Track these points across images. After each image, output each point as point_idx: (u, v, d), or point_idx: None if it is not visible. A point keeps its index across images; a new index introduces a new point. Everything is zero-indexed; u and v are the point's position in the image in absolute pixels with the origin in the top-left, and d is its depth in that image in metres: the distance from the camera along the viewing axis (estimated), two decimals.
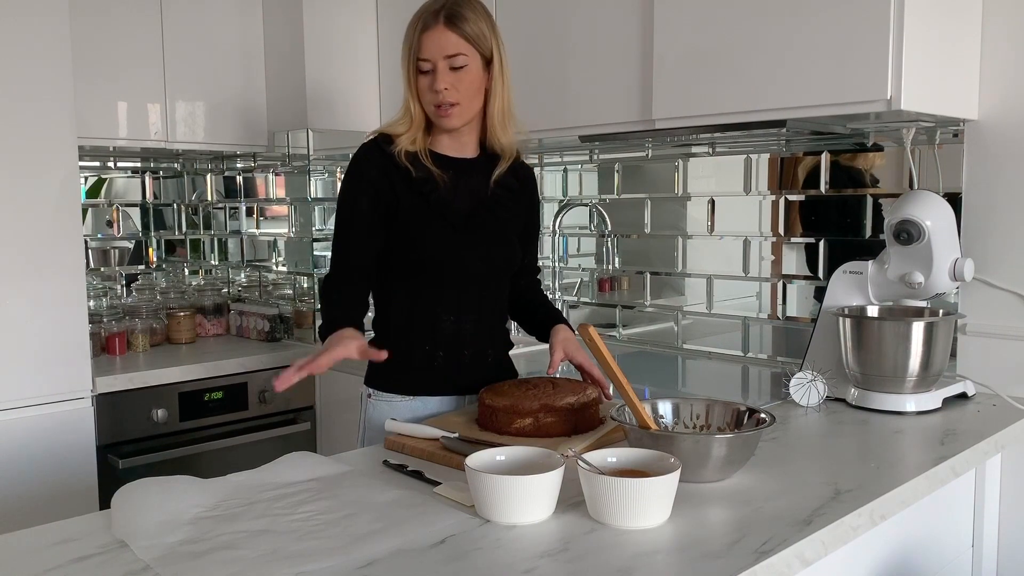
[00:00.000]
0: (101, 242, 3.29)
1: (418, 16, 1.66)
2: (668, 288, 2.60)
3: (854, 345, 1.81)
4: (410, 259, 1.70)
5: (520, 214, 1.82)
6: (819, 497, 1.27)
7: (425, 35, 1.63)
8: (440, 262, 1.70)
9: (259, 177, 3.23)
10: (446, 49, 1.63)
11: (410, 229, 1.68)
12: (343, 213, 1.72)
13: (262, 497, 1.29)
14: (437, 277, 1.71)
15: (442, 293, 1.72)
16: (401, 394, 1.75)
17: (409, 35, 1.67)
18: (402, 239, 1.69)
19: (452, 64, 1.63)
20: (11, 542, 1.16)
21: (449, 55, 1.63)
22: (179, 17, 2.79)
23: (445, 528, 1.16)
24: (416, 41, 1.65)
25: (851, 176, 2.16)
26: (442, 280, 1.71)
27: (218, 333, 3.10)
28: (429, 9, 1.65)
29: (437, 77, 1.63)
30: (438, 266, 1.70)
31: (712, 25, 1.91)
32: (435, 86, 1.64)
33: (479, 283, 1.75)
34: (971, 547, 1.85)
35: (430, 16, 1.64)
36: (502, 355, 1.85)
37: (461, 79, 1.65)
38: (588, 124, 2.23)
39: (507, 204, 1.78)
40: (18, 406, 2.21)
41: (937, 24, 1.74)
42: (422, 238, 1.69)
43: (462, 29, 1.63)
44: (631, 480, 1.15)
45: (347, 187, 1.73)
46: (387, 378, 1.77)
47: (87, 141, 2.56)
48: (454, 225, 1.70)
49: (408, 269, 1.71)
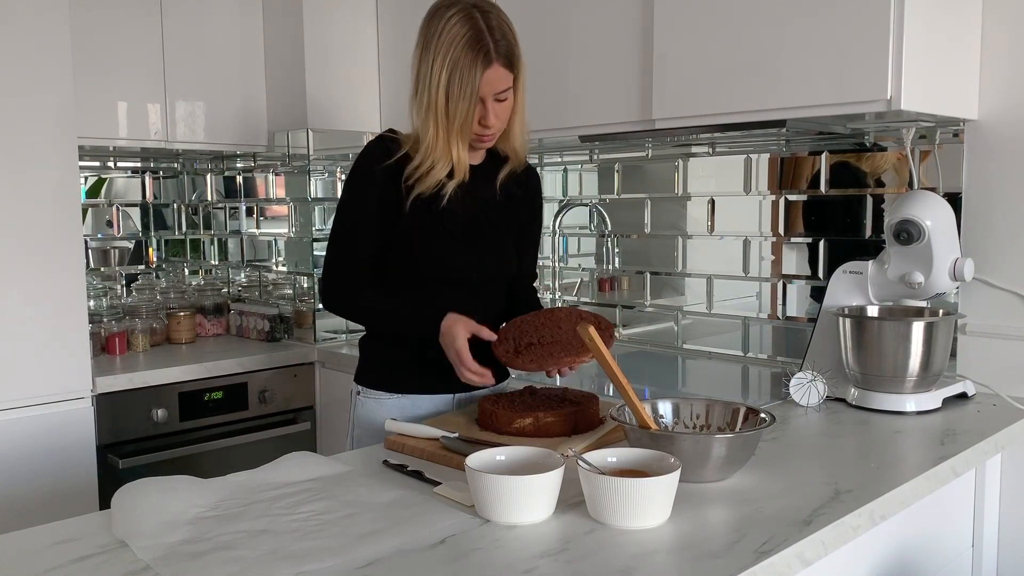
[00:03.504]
0: (101, 242, 3.29)
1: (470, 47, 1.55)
2: (668, 288, 2.60)
3: (854, 345, 1.80)
4: (406, 262, 1.68)
5: (521, 221, 1.80)
6: (819, 497, 1.27)
7: (487, 74, 1.56)
8: (436, 267, 1.68)
9: (259, 177, 3.23)
10: (499, 87, 1.58)
11: (410, 234, 1.66)
12: (351, 210, 1.68)
13: (262, 497, 1.28)
14: (431, 280, 1.69)
15: (435, 294, 1.70)
16: (390, 392, 1.74)
17: (464, 70, 1.55)
18: (401, 243, 1.67)
19: (499, 98, 1.60)
20: (11, 542, 1.16)
21: (500, 91, 1.59)
22: (179, 17, 2.79)
23: (445, 528, 1.16)
24: (478, 81, 1.55)
25: (851, 176, 2.16)
26: (436, 282, 1.70)
27: (218, 333, 3.10)
28: (483, 43, 1.55)
29: (488, 114, 1.59)
30: (433, 271, 1.69)
31: (712, 25, 1.91)
32: (487, 122, 1.60)
33: (473, 286, 1.74)
34: (971, 547, 1.85)
35: (485, 52, 1.55)
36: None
37: (505, 108, 1.62)
38: (588, 124, 2.24)
39: (509, 211, 1.76)
40: (18, 406, 2.21)
41: (937, 24, 1.75)
42: (422, 245, 1.66)
43: (510, 61, 1.58)
44: (631, 480, 1.15)
45: (354, 184, 1.68)
46: (376, 376, 1.76)
47: (87, 141, 2.57)
48: (453, 233, 1.68)
49: (403, 270, 1.69)
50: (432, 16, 1.61)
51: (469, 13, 1.56)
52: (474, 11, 1.57)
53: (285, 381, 2.76)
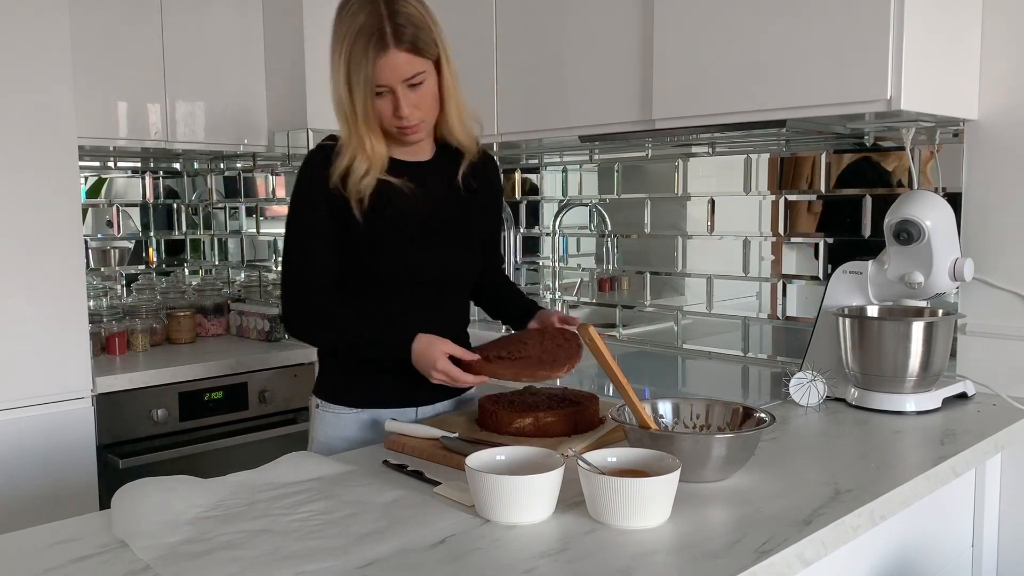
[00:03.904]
0: (101, 242, 3.29)
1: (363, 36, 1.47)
2: (668, 288, 2.60)
3: (854, 345, 1.80)
4: (362, 270, 1.60)
5: (481, 214, 1.73)
6: (819, 497, 1.27)
7: (383, 60, 1.47)
8: (395, 274, 1.61)
9: (259, 177, 3.23)
10: (404, 73, 1.49)
11: (363, 241, 1.58)
12: (301, 226, 1.60)
13: (262, 497, 1.28)
14: (388, 287, 1.62)
15: (392, 302, 1.63)
16: (349, 407, 1.67)
17: (357, 59, 1.48)
18: (355, 251, 1.59)
19: (411, 83, 1.51)
20: (11, 542, 1.16)
21: (407, 78, 1.50)
22: (179, 17, 2.79)
23: (445, 528, 1.16)
24: (372, 67, 1.47)
25: (851, 176, 2.16)
26: (395, 290, 1.62)
27: (218, 333, 3.09)
28: (373, 28, 1.47)
29: (400, 103, 1.51)
30: (392, 277, 1.61)
31: (712, 25, 1.91)
32: (399, 112, 1.51)
33: (435, 291, 1.67)
34: (971, 547, 1.85)
35: (380, 38, 1.47)
36: None
37: (422, 96, 1.53)
38: (588, 124, 2.24)
39: (466, 206, 1.68)
40: (18, 406, 2.21)
41: (937, 24, 1.75)
42: (377, 250, 1.59)
43: (415, 46, 1.49)
44: (631, 480, 1.15)
45: (301, 198, 1.60)
46: (334, 390, 1.68)
47: (87, 141, 2.57)
48: (411, 237, 1.61)
49: (359, 279, 1.61)
50: (339, 11, 1.54)
51: (373, 2, 1.49)
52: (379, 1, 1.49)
53: (285, 381, 2.76)
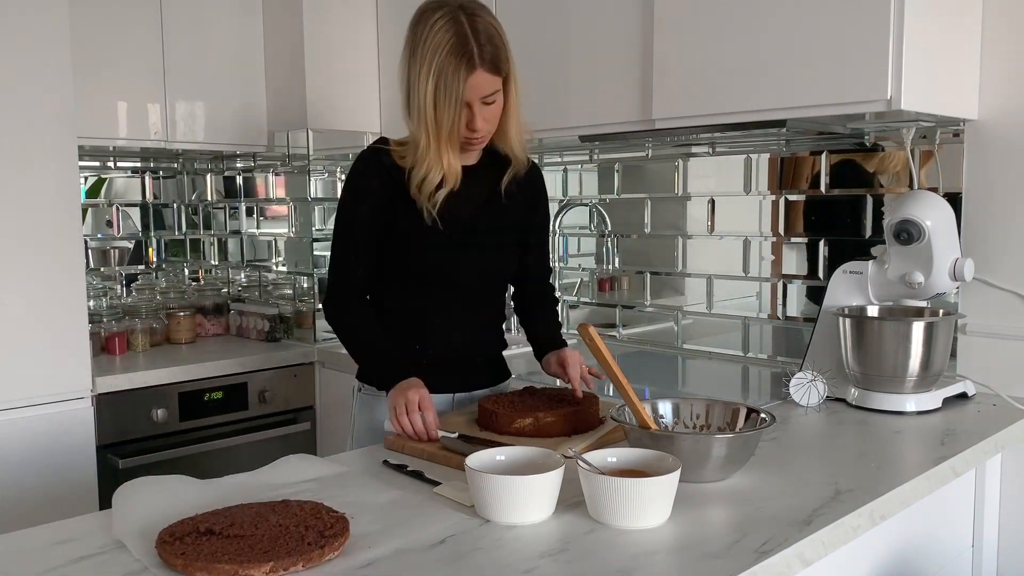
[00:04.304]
0: (101, 242, 3.29)
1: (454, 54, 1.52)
2: (668, 288, 2.60)
3: (854, 345, 1.80)
4: (404, 267, 1.68)
5: (519, 220, 1.78)
6: (819, 497, 1.27)
7: (471, 79, 1.52)
8: (434, 272, 1.68)
9: (259, 177, 3.23)
10: (485, 91, 1.55)
11: (407, 240, 1.66)
12: (345, 227, 1.68)
13: (261, 497, 1.28)
14: (430, 283, 1.69)
15: (433, 297, 1.70)
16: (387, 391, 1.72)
17: (448, 77, 1.52)
18: (398, 248, 1.67)
19: (487, 101, 1.57)
20: (11, 542, 1.16)
21: (486, 95, 1.56)
22: (179, 17, 2.79)
23: (445, 528, 1.16)
24: (463, 86, 1.52)
25: (851, 176, 2.16)
26: (434, 286, 1.69)
27: (218, 333, 3.10)
28: (466, 49, 1.52)
29: (475, 118, 1.56)
30: (432, 275, 1.68)
31: (712, 25, 1.91)
32: (474, 126, 1.57)
33: (471, 289, 1.73)
34: (971, 547, 1.85)
35: (469, 58, 1.52)
36: (493, 356, 1.83)
37: (494, 111, 1.59)
38: (588, 124, 2.24)
39: (507, 212, 1.74)
40: (18, 406, 2.21)
41: (937, 24, 1.74)
42: (419, 250, 1.66)
43: (496, 65, 1.55)
44: (631, 480, 1.15)
45: (347, 199, 1.69)
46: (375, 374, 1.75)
47: (87, 141, 2.56)
48: (451, 237, 1.66)
49: (401, 275, 1.69)
50: (418, 21, 1.57)
51: (454, 16, 1.53)
52: (459, 14, 1.53)
53: (285, 381, 2.76)
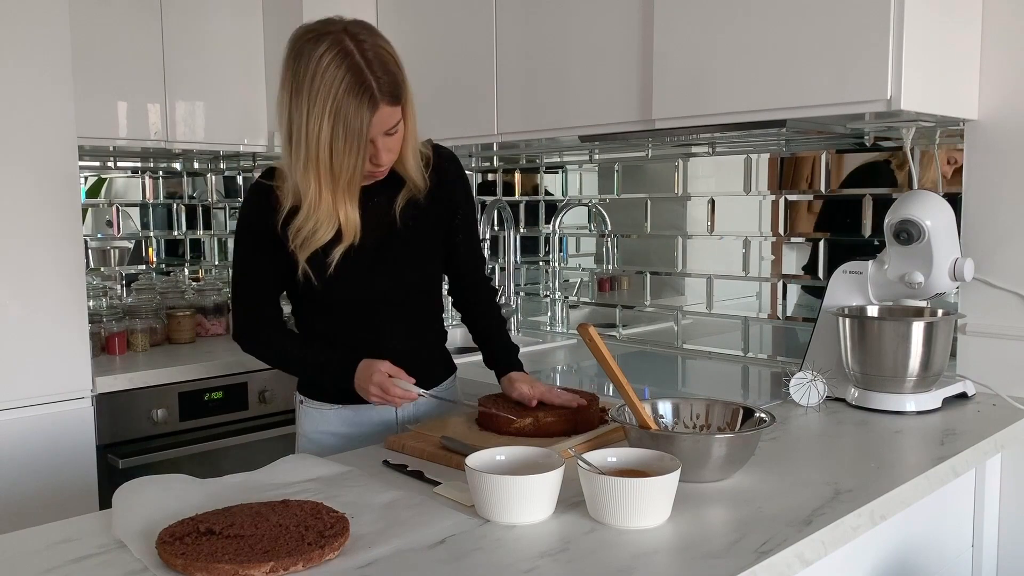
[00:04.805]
0: (101, 242, 3.28)
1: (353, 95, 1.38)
2: (668, 288, 2.60)
3: (854, 345, 1.80)
4: (321, 296, 1.60)
5: (435, 230, 1.66)
6: (819, 497, 1.27)
7: (375, 117, 1.41)
8: (353, 298, 1.61)
9: None
10: (388, 124, 1.44)
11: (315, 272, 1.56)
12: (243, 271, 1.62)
13: (261, 497, 1.28)
14: (353, 307, 1.63)
15: (361, 318, 1.64)
16: (330, 403, 1.70)
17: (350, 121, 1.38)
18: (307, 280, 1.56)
19: (389, 133, 1.46)
20: (11, 542, 1.16)
21: (389, 128, 1.45)
22: (179, 17, 2.79)
23: (445, 528, 1.16)
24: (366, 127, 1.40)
25: (851, 176, 2.16)
26: (359, 309, 1.63)
27: (218, 333, 3.09)
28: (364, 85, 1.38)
29: (379, 152, 1.46)
30: (352, 300, 1.62)
31: (712, 25, 1.91)
32: (377, 161, 1.47)
33: (397, 305, 1.66)
34: (971, 547, 1.85)
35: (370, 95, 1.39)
36: (434, 359, 1.77)
37: (396, 140, 1.49)
38: (588, 124, 2.23)
39: (418, 225, 1.62)
40: (18, 406, 2.21)
41: (937, 24, 1.74)
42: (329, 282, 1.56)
43: (395, 96, 1.43)
44: (631, 480, 1.15)
45: (239, 235, 1.61)
46: (314, 386, 1.71)
47: (87, 141, 2.56)
48: (361, 263, 1.57)
49: (322, 303, 1.63)
50: (299, 54, 1.43)
51: (342, 47, 1.39)
52: (347, 42, 1.40)
53: (285, 381, 2.75)
